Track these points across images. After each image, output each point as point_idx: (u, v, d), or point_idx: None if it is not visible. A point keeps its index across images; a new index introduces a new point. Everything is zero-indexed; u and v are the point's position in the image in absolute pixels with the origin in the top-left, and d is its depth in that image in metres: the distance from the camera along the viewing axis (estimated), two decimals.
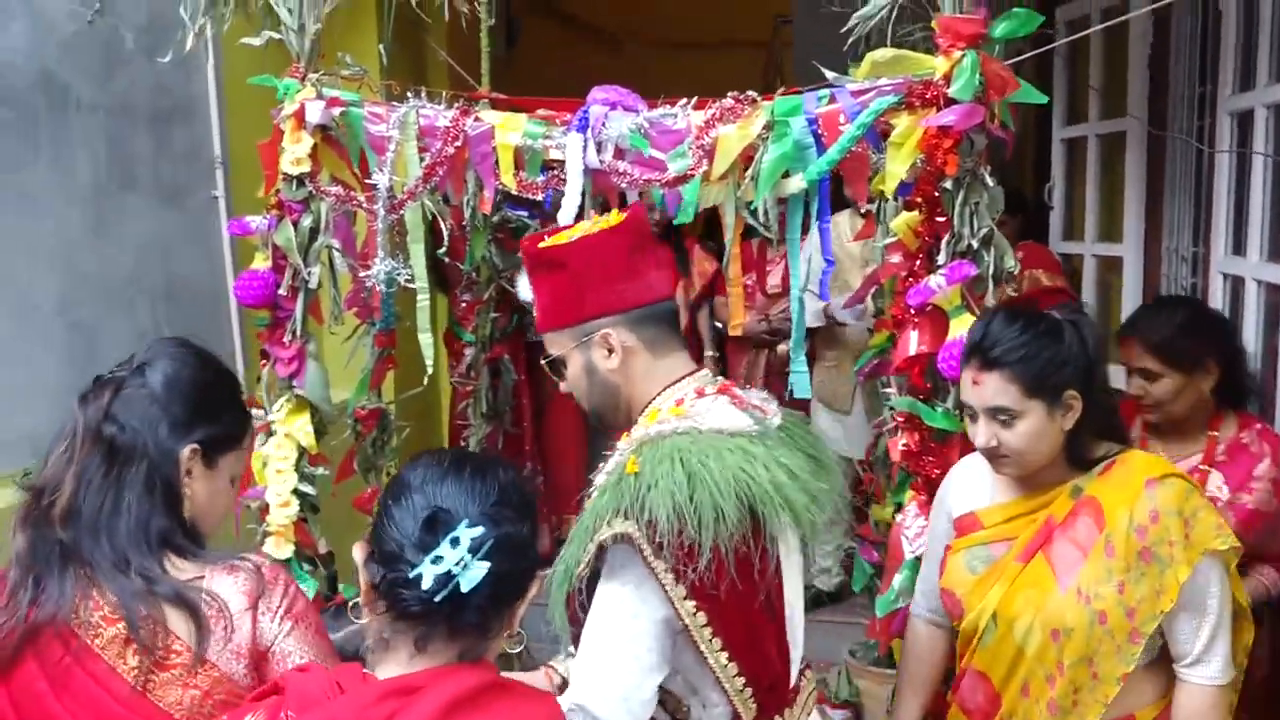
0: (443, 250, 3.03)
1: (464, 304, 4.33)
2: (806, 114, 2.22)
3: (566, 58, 7.05)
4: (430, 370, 2.69)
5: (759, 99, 2.29)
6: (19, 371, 3.24)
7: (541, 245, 1.73)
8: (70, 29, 3.41)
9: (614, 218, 1.72)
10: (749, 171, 2.27)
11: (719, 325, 4.84)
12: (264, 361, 2.70)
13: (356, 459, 3.33)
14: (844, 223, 4.04)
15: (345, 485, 3.30)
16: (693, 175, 2.28)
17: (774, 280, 4.60)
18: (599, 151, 2.34)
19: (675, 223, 2.40)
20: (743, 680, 1.57)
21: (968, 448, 2.21)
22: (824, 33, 5.61)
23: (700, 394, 1.68)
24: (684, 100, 2.34)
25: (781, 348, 4.57)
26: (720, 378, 1.78)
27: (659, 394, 1.70)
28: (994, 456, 1.90)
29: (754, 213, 2.32)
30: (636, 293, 1.68)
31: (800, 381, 2.37)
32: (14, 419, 3.23)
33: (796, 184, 2.24)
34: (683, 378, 1.72)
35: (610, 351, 1.69)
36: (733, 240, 2.36)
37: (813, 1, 5.98)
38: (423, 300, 2.62)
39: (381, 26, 3.34)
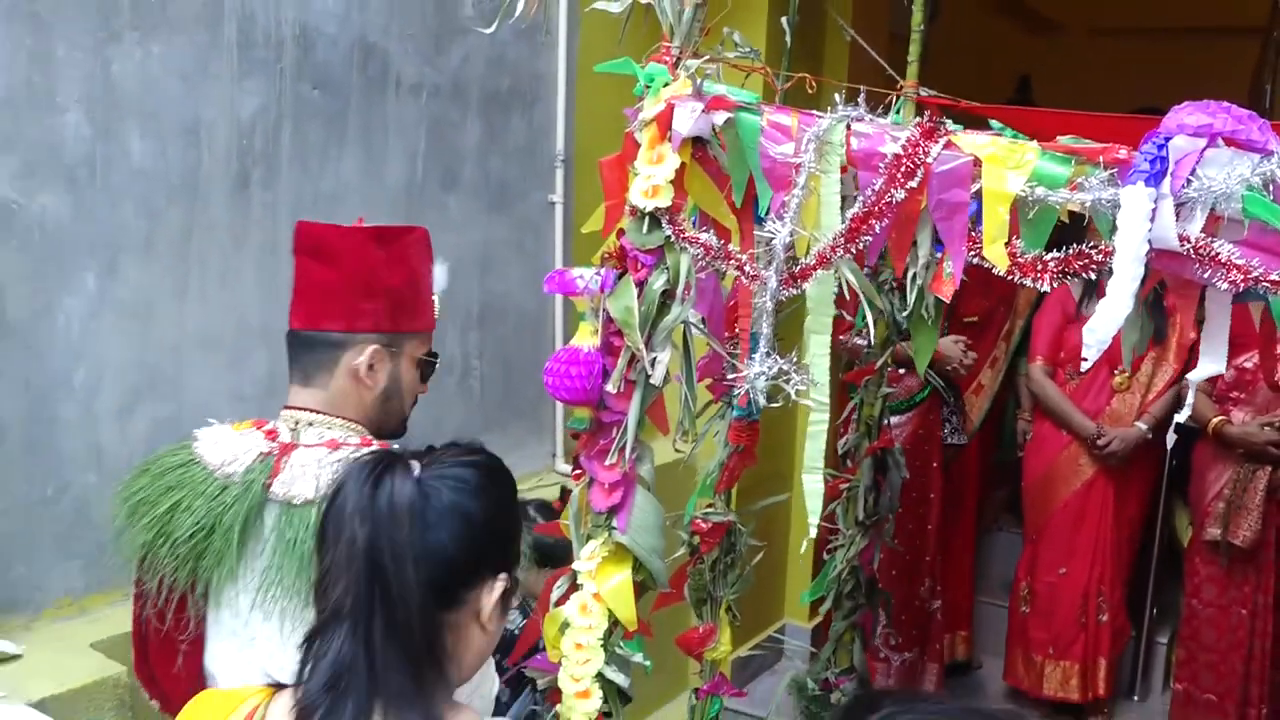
0: None
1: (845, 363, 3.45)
2: None
3: (987, 42, 5.93)
4: (816, 521, 1.79)
5: None
6: None
7: None
8: None
9: None
10: None
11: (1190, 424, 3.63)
12: (576, 474, 1.92)
13: (688, 584, 2.53)
14: None
15: (664, 615, 2.54)
16: None
17: None
18: (1180, 219, 1.34)
19: None
20: None
21: None
22: None
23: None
24: None
25: None
26: (301, 413, 1.66)
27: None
28: None
29: None
30: None
31: None
32: None
33: None
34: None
35: None
36: None
37: None
38: (819, 422, 1.73)
39: None
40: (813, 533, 1.68)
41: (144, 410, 2.39)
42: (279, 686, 1.22)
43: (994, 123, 2.08)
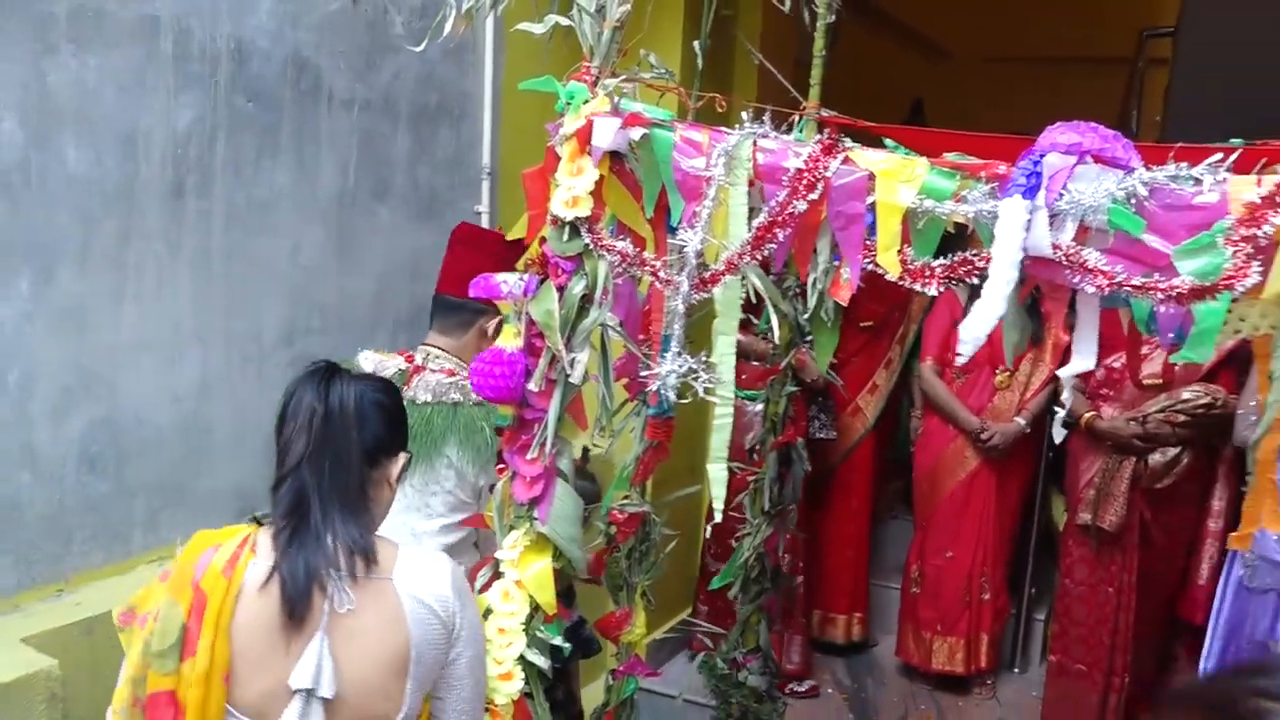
0: None
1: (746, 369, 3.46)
2: None
3: (884, 68, 6.04)
4: (720, 507, 1.81)
5: None
6: (225, 412, 2.63)
7: None
8: (330, 8, 2.77)
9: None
10: None
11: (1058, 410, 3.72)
12: (500, 468, 1.91)
13: (606, 572, 2.52)
14: None
15: (583, 600, 2.54)
16: (1227, 286, 1.28)
17: (1152, 368, 3.44)
18: (1053, 229, 1.37)
19: (1178, 357, 1.40)
20: None
21: None
22: (1227, 48, 4.35)
23: None
24: (1216, 156, 1.33)
25: (1156, 458, 3.41)
26: (433, 349, 2.36)
27: None
28: None
29: None
30: None
31: None
32: (217, 467, 2.63)
33: None
34: None
35: None
36: (1277, 404, 1.34)
37: (1210, 10, 4.71)
38: (724, 416, 1.74)
39: (695, 15, 2.49)
40: (718, 518, 1.69)
41: (79, 411, 2.31)
42: (262, 523, 1.54)
43: (889, 141, 2.12)
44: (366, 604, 1.47)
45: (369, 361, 2.32)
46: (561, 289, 1.74)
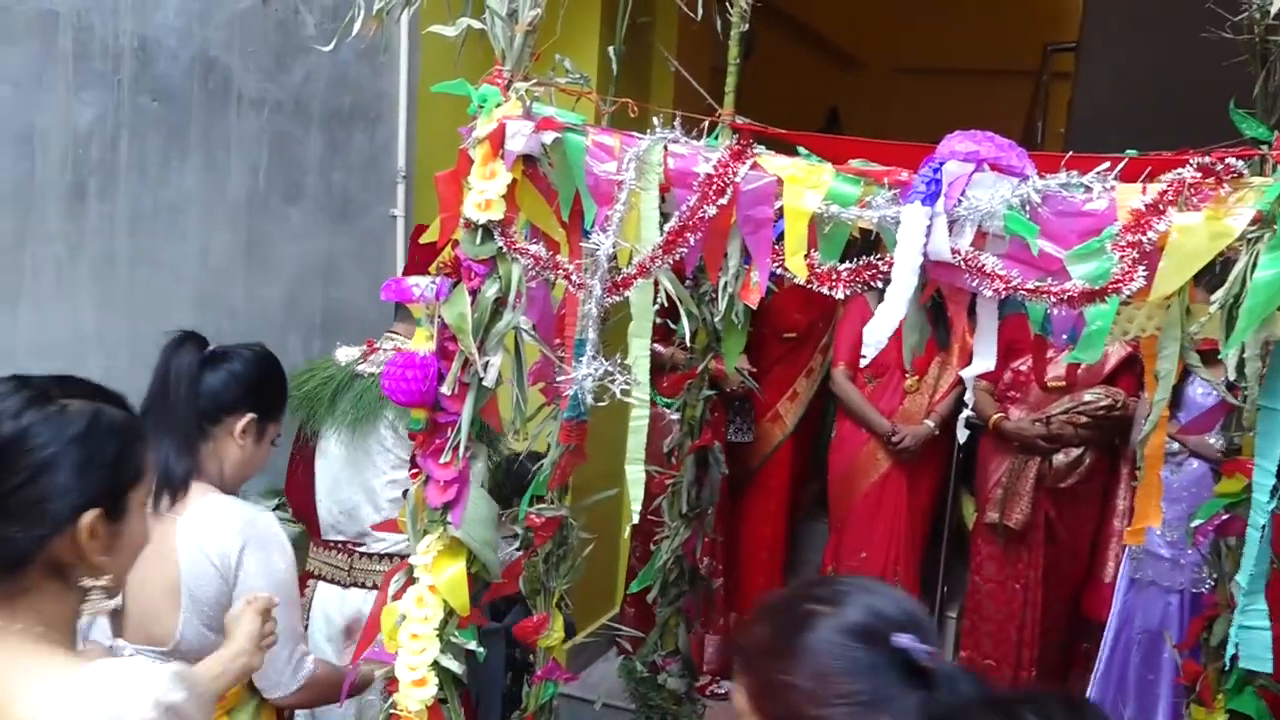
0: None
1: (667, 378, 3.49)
2: None
3: (801, 77, 6.14)
4: (638, 508, 1.82)
5: (1244, 172, 1.32)
6: None
7: None
8: (239, 7, 2.72)
9: None
10: (1218, 294, 1.32)
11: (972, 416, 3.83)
12: (414, 473, 1.90)
13: (523, 577, 2.52)
14: None
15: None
16: (1115, 290, 1.34)
17: (1056, 371, 3.55)
18: (952, 234, 1.42)
19: (1070, 358, 1.46)
20: None
21: None
22: (1128, 63, 4.52)
23: None
24: (1103, 166, 1.39)
25: (1059, 458, 3.52)
26: (391, 334, 2.68)
27: None
28: None
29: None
30: None
31: None
32: None
33: None
34: None
35: None
36: (1162, 403, 1.40)
37: (1109, 27, 4.90)
38: (641, 418, 1.76)
39: (611, 21, 2.51)
40: (635, 519, 1.70)
41: None
42: None
43: (801, 149, 2.17)
44: (153, 537, 1.66)
45: (341, 352, 2.67)
46: (474, 292, 1.74)
